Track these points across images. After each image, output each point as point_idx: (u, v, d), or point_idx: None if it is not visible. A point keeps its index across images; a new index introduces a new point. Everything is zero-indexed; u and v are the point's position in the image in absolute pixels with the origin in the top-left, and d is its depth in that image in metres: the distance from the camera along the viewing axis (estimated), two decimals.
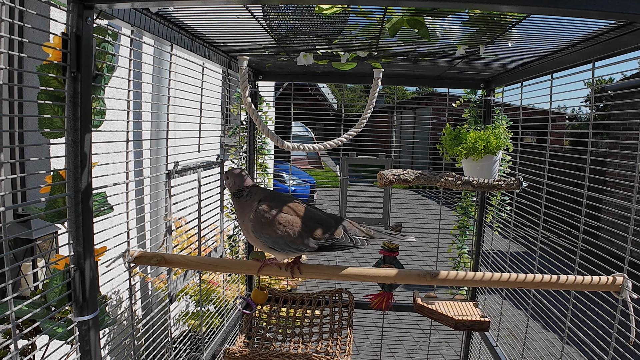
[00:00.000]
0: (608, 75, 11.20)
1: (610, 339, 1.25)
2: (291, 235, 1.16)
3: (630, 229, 1.24)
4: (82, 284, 1.02)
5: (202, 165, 1.69)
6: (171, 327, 1.49)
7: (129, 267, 1.23)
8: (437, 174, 1.73)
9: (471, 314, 2.05)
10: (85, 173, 1.02)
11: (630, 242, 1.23)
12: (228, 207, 2.34)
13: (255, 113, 1.59)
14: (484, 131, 1.97)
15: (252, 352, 1.89)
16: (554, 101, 1.75)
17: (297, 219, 1.19)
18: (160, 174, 1.48)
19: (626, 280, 1.19)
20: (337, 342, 2.05)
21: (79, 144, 1.00)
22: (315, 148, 1.71)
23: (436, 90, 11.51)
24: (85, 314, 1.03)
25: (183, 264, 1.18)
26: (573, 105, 16.85)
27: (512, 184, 1.73)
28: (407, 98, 14.95)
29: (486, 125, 2.22)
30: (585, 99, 6.26)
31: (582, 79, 1.61)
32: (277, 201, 1.24)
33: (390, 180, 1.64)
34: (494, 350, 2.05)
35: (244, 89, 1.52)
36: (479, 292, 2.37)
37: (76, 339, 1.03)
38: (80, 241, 1.02)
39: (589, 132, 1.51)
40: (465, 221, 2.36)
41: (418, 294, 2.23)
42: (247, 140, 2.29)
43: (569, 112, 10.24)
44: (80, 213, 1.01)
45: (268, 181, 2.48)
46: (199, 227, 1.65)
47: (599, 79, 1.77)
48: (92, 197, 1.05)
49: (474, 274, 1.14)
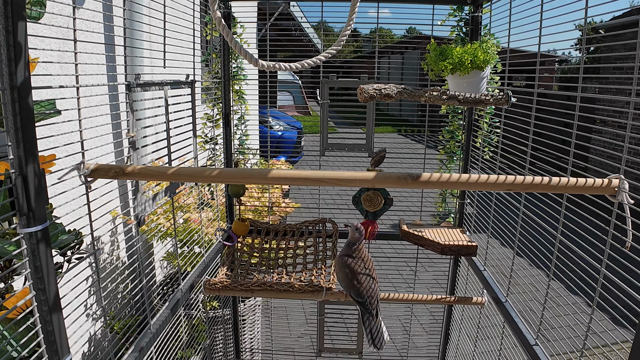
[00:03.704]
0: (598, 16, 10.99)
1: (605, 246, 1.19)
2: (342, 284, 1.73)
3: (625, 147, 1.15)
4: (25, 191, 0.92)
5: (170, 82, 1.57)
6: (141, 252, 1.41)
7: (85, 182, 1.12)
8: (421, 89, 1.62)
9: (458, 239, 1.99)
10: (22, 67, 0.90)
11: (626, 149, 1.14)
12: (202, 136, 2.23)
13: (226, 29, 1.46)
14: (471, 45, 1.85)
15: (234, 282, 1.82)
16: (543, 43, 1.63)
17: (348, 280, 1.69)
18: (120, 83, 1.35)
19: (623, 181, 1.10)
20: (322, 271, 1.99)
21: (11, 34, 0.88)
22: (292, 67, 1.60)
23: (423, 33, 11.22)
24: (33, 225, 0.94)
25: (143, 175, 1.08)
26: (563, 48, 16.61)
27: (500, 99, 1.62)
28: (395, 42, 14.57)
29: (473, 42, 2.10)
30: (576, 42, 6.13)
31: (573, 19, 1.48)
32: (356, 264, 1.70)
33: (371, 95, 1.52)
34: (482, 274, 2.00)
35: (212, 2, 1.39)
36: (466, 230, 2.31)
37: (24, 254, 0.94)
38: (20, 144, 0.90)
39: (580, 69, 1.40)
40: (453, 146, 2.27)
41: (404, 222, 2.16)
42: (221, 65, 2.15)
43: (558, 55, 10.07)
44: (18, 112, 0.90)
45: (246, 109, 2.35)
46: (168, 149, 1.55)
47: (591, 20, 1.64)
48: (38, 101, 0.94)
49: (459, 176, 1.05)
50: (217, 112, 2.20)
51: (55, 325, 0.99)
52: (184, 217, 2.41)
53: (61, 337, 1.01)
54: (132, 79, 1.35)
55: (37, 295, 0.96)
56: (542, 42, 1.60)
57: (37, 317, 0.97)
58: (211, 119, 2.19)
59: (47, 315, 0.97)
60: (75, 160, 1.12)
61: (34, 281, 0.95)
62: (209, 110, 2.20)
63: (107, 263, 2.49)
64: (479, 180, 1.05)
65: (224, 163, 2.25)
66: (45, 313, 0.97)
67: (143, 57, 2.15)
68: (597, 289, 1.22)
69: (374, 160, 1.96)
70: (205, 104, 2.28)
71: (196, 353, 2.28)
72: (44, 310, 0.97)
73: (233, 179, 1.12)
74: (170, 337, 1.77)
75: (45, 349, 0.99)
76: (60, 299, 1.02)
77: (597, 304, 1.23)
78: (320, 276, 1.95)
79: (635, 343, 0.95)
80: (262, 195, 2.81)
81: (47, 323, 0.98)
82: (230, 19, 2.17)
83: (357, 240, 1.72)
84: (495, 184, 1.05)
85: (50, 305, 0.97)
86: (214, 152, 2.23)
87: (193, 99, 1.77)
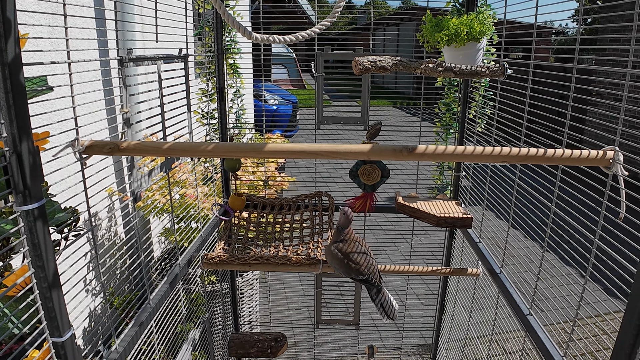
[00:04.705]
0: None
1: (598, 218, 1.20)
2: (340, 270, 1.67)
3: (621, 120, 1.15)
4: (20, 168, 0.91)
5: (162, 57, 1.55)
6: (138, 228, 1.41)
7: (80, 158, 1.12)
8: (417, 61, 1.61)
9: (453, 211, 2.00)
10: (12, 43, 0.88)
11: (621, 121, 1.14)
12: (198, 112, 2.22)
13: (219, 1, 1.44)
14: (467, 16, 1.83)
15: (231, 256, 1.83)
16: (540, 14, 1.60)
17: (344, 264, 1.63)
18: (112, 58, 1.34)
19: (617, 153, 1.11)
20: (319, 244, 2.01)
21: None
22: (287, 39, 1.58)
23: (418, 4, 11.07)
24: (29, 202, 0.94)
25: (138, 151, 1.08)
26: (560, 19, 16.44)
27: (496, 71, 1.61)
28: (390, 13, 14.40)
29: (469, 12, 2.07)
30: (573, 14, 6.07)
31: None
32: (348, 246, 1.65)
33: (366, 67, 1.50)
34: (477, 245, 2.02)
35: None
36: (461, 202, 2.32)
37: (22, 231, 0.94)
38: (13, 121, 0.90)
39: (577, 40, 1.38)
40: (449, 118, 2.27)
41: (399, 194, 2.17)
42: (214, 38, 2.13)
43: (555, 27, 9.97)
44: (10, 90, 0.89)
45: (241, 83, 2.33)
46: (162, 124, 1.54)
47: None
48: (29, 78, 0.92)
49: (454, 148, 1.05)
50: (212, 86, 2.18)
51: (55, 301, 0.99)
52: (179, 192, 2.41)
53: (62, 313, 1.02)
54: (125, 54, 1.34)
55: (36, 273, 0.97)
56: (539, 13, 1.58)
57: (37, 294, 0.97)
58: (206, 93, 2.17)
59: (47, 292, 0.98)
60: (69, 137, 1.11)
61: (33, 258, 0.96)
62: (203, 85, 2.18)
63: (105, 239, 2.50)
64: (474, 152, 1.05)
65: (220, 138, 2.24)
66: (45, 290, 0.98)
67: (135, 32, 2.12)
68: (590, 259, 1.23)
69: (370, 133, 1.96)
70: (200, 79, 2.26)
71: (196, 327, 2.31)
72: (44, 287, 0.98)
73: (228, 153, 1.12)
74: (169, 312, 1.79)
75: (46, 324, 1.00)
76: (59, 276, 1.03)
77: (590, 274, 1.24)
78: (317, 249, 1.97)
79: (627, 312, 0.97)
80: (257, 170, 2.81)
81: (47, 300, 0.99)
82: None
83: (347, 225, 1.68)
84: (491, 155, 1.06)
85: (50, 282, 0.98)
86: (210, 127, 2.22)
87: (187, 74, 1.76)
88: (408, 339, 3.05)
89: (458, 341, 2.44)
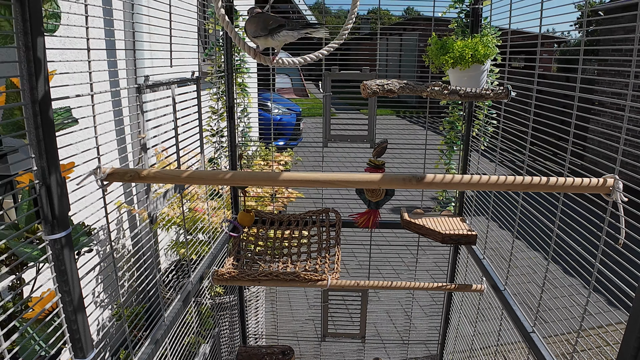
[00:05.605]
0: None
1: (599, 242, 1.24)
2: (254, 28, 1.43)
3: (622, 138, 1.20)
4: (49, 200, 0.96)
5: (176, 81, 1.60)
6: (154, 249, 1.46)
7: (101, 185, 1.17)
8: (423, 84, 1.66)
9: (458, 228, 2.04)
10: (42, 81, 0.94)
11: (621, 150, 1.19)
12: (208, 129, 2.27)
13: (230, 25, 1.49)
14: (472, 39, 1.88)
15: (241, 272, 1.88)
16: (544, 25, 1.66)
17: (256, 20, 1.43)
18: (130, 87, 1.39)
19: (617, 181, 1.15)
20: (326, 260, 2.05)
21: (31, 49, 0.91)
22: (295, 62, 1.63)
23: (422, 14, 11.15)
24: (57, 232, 0.99)
25: (157, 179, 1.12)
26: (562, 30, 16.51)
27: (500, 93, 1.66)
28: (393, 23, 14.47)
29: (474, 34, 2.12)
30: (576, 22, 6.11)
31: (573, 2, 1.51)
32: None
33: (374, 91, 1.56)
34: (481, 262, 2.06)
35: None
36: (466, 215, 2.36)
37: (50, 259, 0.99)
38: (43, 155, 0.95)
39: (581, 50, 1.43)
40: (453, 136, 2.31)
41: (405, 211, 2.21)
42: (224, 59, 2.18)
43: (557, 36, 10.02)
44: (40, 125, 0.94)
45: (248, 101, 2.39)
46: (176, 147, 1.59)
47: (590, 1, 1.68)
48: (55, 110, 0.97)
49: (462, 177, 1.10)
50: (222, 105, 2.24)
51: (80, 324, 1.04)
52: (189, 206, 2.46)
53: (86, 335, 1.06)
54: (142, 81, 1.39)
55: (63, 297, 1.01)
56: (543, 25, 1.63)
57: (63, 317, 1.02)
58: (216, 112, 2.22)
59: (72, 315, 1.03)
60: (89, 164, 1.16)
61: (59, 284, 1.01)
62: (213, 104, 2.24)
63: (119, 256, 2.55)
64: (480, 181, 1.10)
65: (229, 155, 2.29)
66: (71, 313, 1.03)
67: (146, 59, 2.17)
68: (593, 273, 1.27)
69: (376, 151, 2.01)
70: (210, 98, 2.32)
71: (206, 341, 2.35)
72: (69, 310, 1.02)
73: (245, 181, 1.17)
74: (181, 327, 1.83)
75: (71, 347, 1.05)
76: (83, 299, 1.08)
77: (593, 287, 1.29)
78: (325, 265, 2.01)
79: (629, 324, 1.00)
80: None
81: (72, 322, 1.03)
82: (232, 13, 2.19)
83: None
84: (496, 184, 1.10)
85: (75, 306, 1.03)
86: (220, 145, 2.27)
87: (199, 96, 1.81)
88: (413, 351, 3.08)
89: (462, 352, 2.48)
